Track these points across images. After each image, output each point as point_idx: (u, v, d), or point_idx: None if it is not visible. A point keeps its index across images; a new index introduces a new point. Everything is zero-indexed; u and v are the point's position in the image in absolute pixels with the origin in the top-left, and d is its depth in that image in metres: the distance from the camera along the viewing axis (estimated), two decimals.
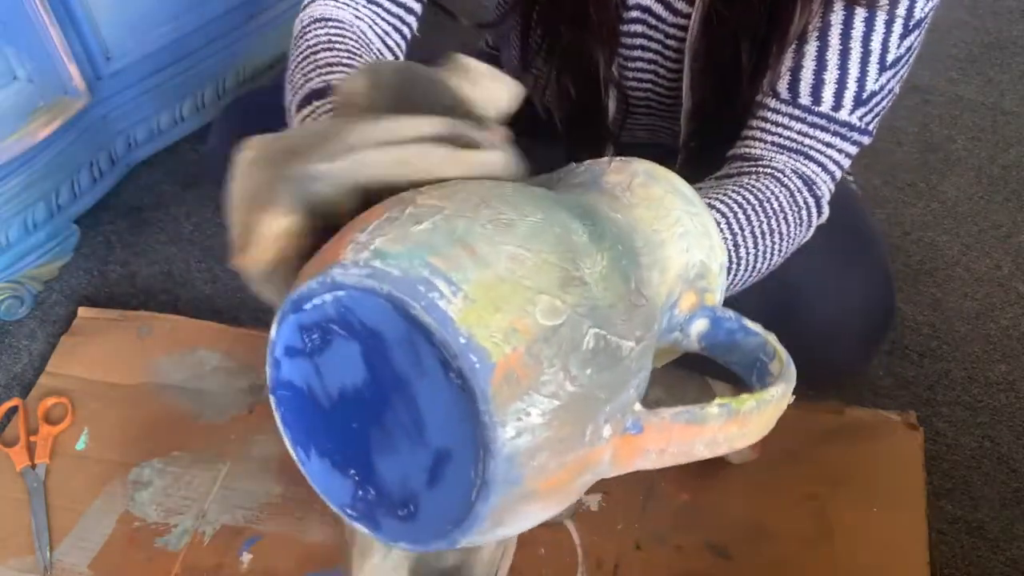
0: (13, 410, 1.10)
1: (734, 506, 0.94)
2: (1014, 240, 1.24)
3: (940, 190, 1.32)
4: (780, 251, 0.65)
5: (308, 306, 0.41)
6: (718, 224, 0.59)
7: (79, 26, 1.13)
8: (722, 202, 0.62)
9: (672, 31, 0.77)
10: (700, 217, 0.52)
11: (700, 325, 0.51)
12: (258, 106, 0.98)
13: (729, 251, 0.60)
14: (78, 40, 1.13)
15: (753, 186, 0.64)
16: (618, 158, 0.53)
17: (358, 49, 0.69)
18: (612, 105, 0.83)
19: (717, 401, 0.44)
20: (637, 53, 0.80)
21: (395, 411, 0.42)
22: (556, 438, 0.39)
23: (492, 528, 0.41)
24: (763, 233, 0.62)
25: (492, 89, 0.48)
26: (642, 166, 0.52)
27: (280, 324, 0.43)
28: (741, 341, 0.50)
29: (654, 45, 0.79)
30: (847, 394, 1.05)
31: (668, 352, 0.53)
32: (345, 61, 0.66)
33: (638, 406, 0.43)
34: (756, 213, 0.62)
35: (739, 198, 0.62)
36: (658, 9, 0.76)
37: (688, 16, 0.74)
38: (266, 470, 1.01)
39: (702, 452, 0.45)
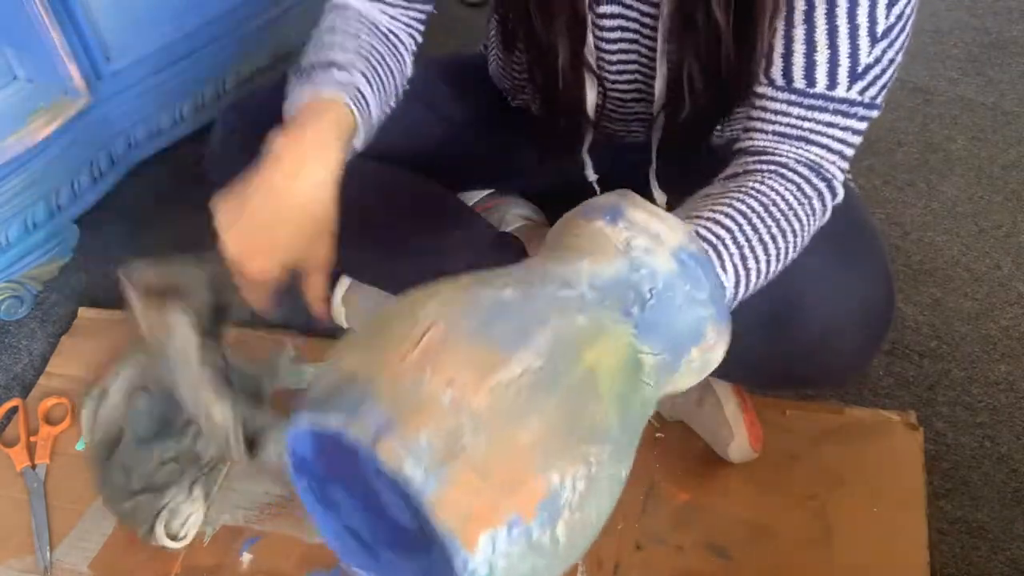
0: (13, 410, 1.10)
1: (734, 506, 0.94)
2: (1014, 240, 1.24)
3: (940, 190, 1.32)
4: (795, 247, 0.65)
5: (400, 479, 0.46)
6: (723, 241, 0.60)
7: (79, 26, 1.13)
8: (727, 215, 0.62)
9: (646, 8, 0.76)
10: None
11: None
12: (258, 106, 0.98)
13: (736, 267, 0.60)
14: (78, 40, 1.14)
15: (758, 190, 0.64)
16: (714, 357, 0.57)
17: (360, 32, 0.77)
18: (591, 95, 0.83)
19: None
20: (616, 35, 0.80)
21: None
22: None
23: None
24: (772, 237, 0.62)
25: None
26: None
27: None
28: None
29: (632, 25, 0.79)
30: (847, 394, 1.05)
31: None
32: (338, 41, 0.76)
33: None
34: (763, 220, 0.62)
35: (744, 207, 0.62)
36: None
37: None
38: (266, 470, 1.01)
39: None
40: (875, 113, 0.69)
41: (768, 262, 0.63)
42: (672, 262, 0.54)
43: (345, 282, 1.16)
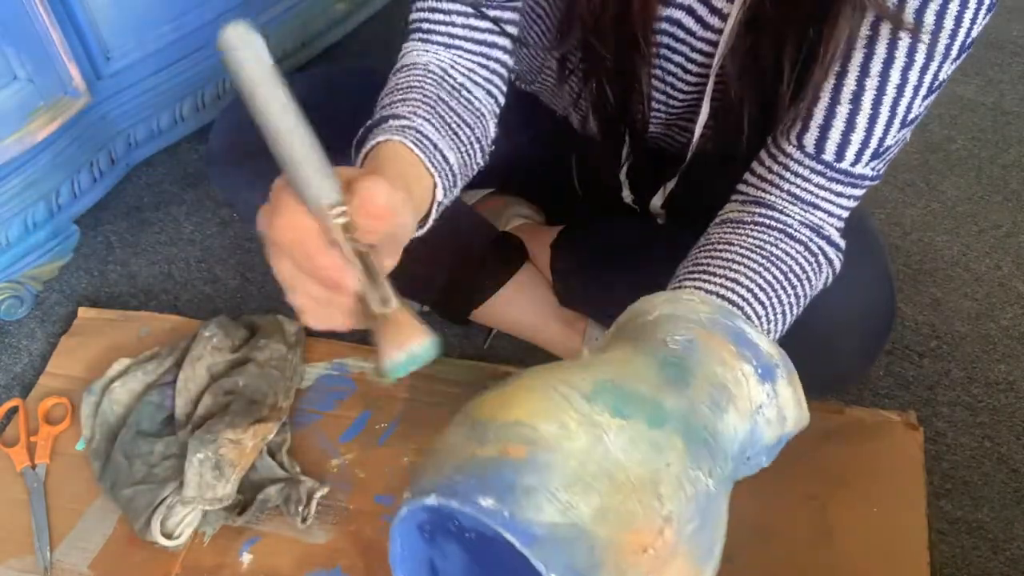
0: (13, 410, 1.10)
1: (734, 506, 0.93)
2: (1014, 240, 1.24)
3: (940, 190, 1.32)
4: (803, 306, 0.69)
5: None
6: (760, 321, 0.64)
7: (79, 26, 1.13)
8: (762, 288, 0.65)
9: (701, 45, 0.77)
10: None
11: None
12: None
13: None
14: (78, 40, 1.13)
15: (777, 256, 0.67)
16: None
17: (424, 83, 0.73)
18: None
19: None
20: (657, 62, 0.80)
21: None
22: None
23: None
24: (790, 306, 0.66)
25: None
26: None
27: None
28: None
29: (677, 57, 0.79)
30: (847, 394, 1.05)
31: None
32: (397, 98, 0.70)
33: None
34: (785, 290, 0.66)
35: (770, 277, 0.66)
36: (688, 23, 0.76)
37: (719, 31, 0.74)
38: None
39: None
40: (877, 183, 0.71)
41: (784, 326, 0.67)
42: (776, 442, 0.61)
43: None
